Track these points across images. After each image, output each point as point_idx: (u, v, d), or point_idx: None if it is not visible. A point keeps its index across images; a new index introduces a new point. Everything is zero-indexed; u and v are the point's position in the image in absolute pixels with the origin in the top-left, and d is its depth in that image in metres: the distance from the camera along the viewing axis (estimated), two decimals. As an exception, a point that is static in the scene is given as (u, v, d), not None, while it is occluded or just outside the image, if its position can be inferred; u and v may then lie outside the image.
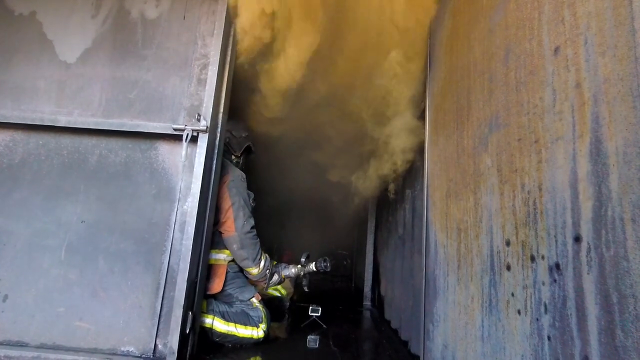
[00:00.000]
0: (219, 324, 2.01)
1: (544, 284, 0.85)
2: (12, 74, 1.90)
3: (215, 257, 2.13)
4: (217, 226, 2.13)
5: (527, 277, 0.92)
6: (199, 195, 1.72)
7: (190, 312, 1.69)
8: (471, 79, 1.34)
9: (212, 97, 1.84)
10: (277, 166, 3.39)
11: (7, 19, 1.96)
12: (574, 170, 0.77)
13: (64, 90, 1.89)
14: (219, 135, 1.90)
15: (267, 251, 2.40)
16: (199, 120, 1.80)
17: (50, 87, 1.89)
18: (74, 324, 1.65)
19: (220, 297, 2.12)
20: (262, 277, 2.25)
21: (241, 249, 2.13)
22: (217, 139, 1.90)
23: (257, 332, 2.07)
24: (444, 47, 1.70)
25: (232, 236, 2.12)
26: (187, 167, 1.79)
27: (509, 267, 1.00)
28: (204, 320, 1.98)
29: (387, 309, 2.78)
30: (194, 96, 1.87)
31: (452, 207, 1.46)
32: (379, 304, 3.17)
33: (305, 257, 2.52)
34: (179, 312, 1.61)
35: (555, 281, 0.81)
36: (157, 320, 1.64)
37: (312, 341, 2.15)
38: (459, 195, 1.39)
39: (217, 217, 2.11)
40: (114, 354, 1.61)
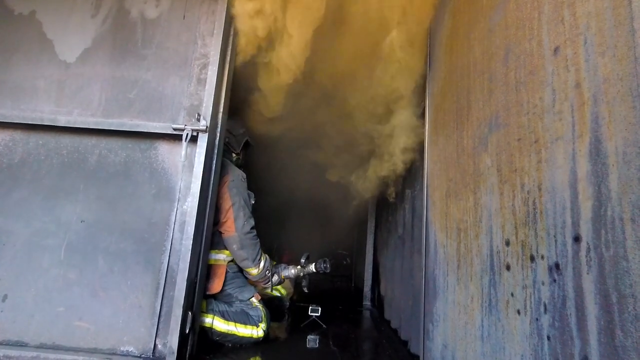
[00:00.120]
0: (219, 323, 2.00)
1: (543, 283, 0.85)
2: (12, 74, 1.90)
3: (215, 257, 2.13)
4: (217, 226, 2.12)
5: (526, 277, 0.92)
6: (198, 195, 1.72)
7: (190, 312, 1.69)
8: (471, 79, 1.34)
9: (212, 96, 1.84)
10: (276, 166, 3.39)
11: (6, 18, 1.96)
12: (573, 170, 0.77)
13: (63, 89, 1.89)
14: (218, 134, 1.90)
15: (267, 251, 2.39)
16: (198, 120, 1.80)
17: (50, 86, 1.89)
18: (73, 324, 1.65)
19: (219, 297, 2.12)
20: (262, 278, 2.25)
21: (241, 249, 2.12)
22: (217, 138, 1.90)
23: (257, 331, 2.06)
24: (444, 47, 1.70)
25: (232, 236, 2.11)
26: (187, 166, 1.79)
27: (508, 267, 1.01)
28: (204, 319, 1.98)
29: (387, 308, 2.78)
30: (193, 96, 1.87)
31: (451, 207, 1.46)
32: (378, 303, 3.17)
33: (305, 258, 2.52)
34: (178, 312, 1.61)
35: (554, 281, 0.81)
36: (156, 320, 1.64)
37: (312, 341, 2.15)
38: (459, 195, 1.39)
39: (217, 217, 2.10)
40: (114, 354, 1.61)
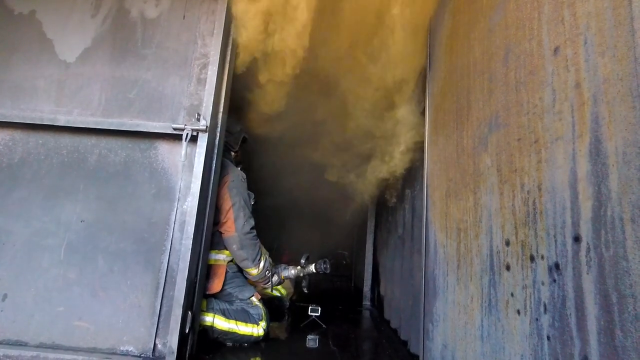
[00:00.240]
0: (220, 321, 2.01)
1: (543, 283, 0.85)
2: (12, 73, 1.90)
3: (215, 257, 2.13)
4: (217, 226, 2.12)
5: (526, 277, 0.92)
6: (198, 194, 1.72)
7: (189, 312, 1.69)
8: (471, 79, 1.34)
9: (212, 96, 1.84)
10: (276, 166, 3.39)
11: (6, 18, 1.96)
12: (573, 170, 0.77)
13: (63, 89, 1.89)
14: (218, 134, 1.90)
15: (267, 251, 2.40)
16: (198, 119, 1.80)
17: (49, 86, 1.89)
18: (73, 324, 1.65)
19: (220, 296, 2.12)
20: (261, 278, 2.25)
21: (241, 249, 2.12)
22: (217, 138, 1.90)
23: (258, 329, 2.07)
24: (444, 47, 1.70)
25: (232, 236, 2.12)
26: (187, 166, 1.79)
27: (508, 267, 1.01)
28: (204, 318, 1.98)
29: (387, 308, 2.78)
30: (193, 96, 1.87)
31: (451, 206, 1.46)
32: (378, 303, 3.17)
33: (305, 259, 2.51)
34: (178, 312, 1.61)
35: (554, 281, 0.81)
36: (156, 319, 1.64)
37: (312, 341, 2.15)
38: (459, 195, 1.39)
39: (218, 217, 2.10)
40: (114, 354, 1.61)
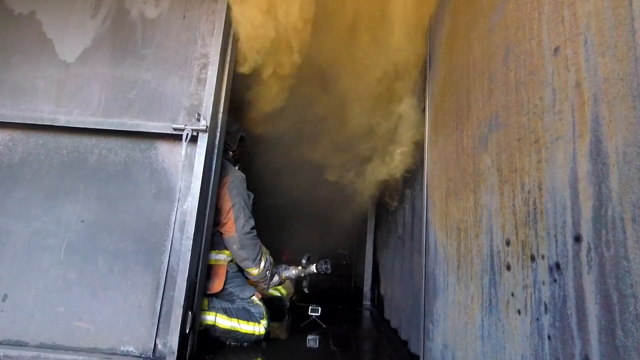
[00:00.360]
0: (222, 320, 2.01)
1: (544, 283, 0.85)
2: (12, 74, 1.90)
3: (215, 257, 2.14)
4: (218, 227, 2.13)
5: (527, 276, 0.92)
6: (198, 194, 1.72)
7: (190, 312, 1.69)
8: (471, 79, 1.34)
9: (212, 96, 1.84)
10: (276, 166, 3.39)
11: (6, 18, 1.96)
12: (574, 170, 0.77)
13: (63, 89, 1.89)
14: (218, 134, 1.90)
15: (267, 251, 2.40)
16: (198, 119, 1.80)
17: (49, 86, 1.89)
18: (73, 324, 1.65)
19: (221, 295, 2.13)
20: (262, 278, 2.25)
21: (241, 249, 2.13)
22: (217, 138, 1.90)
23: (259, 328, 2.08)
24: (444, 47, 1.70)
25: (233, 237, 2.12)
26: (187, 166, 1.79)
27: (509, 267, 1.01)
28: (206, 317, 1.98)
29: (387, 308, 2.78)
30: (193, 96, 1.87)
31: (451, 206, 1.46)
32: (378, 303, 3.17)
33: (306, 259, 2.52)
34: (178, 312, 1.61)
35: (555, 281, 0.81)
36: (156, 319, 1.64)
37: (312, 341, 2.15)
38: (459, 195, 1.39)
39: (218, 218, 2.11)
40: (114, 354, 1.61)
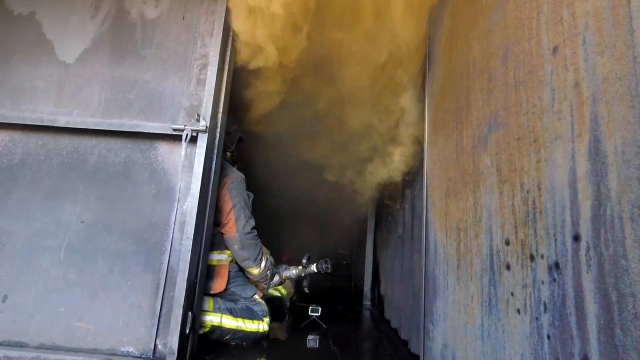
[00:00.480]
0: (228, 320, 2.03)
1: (543, 283, 0.85)
2: (12, 74, 1.90)
3: (218, 257, 2.15)
4: (219, 227, 2.14)
5: (526, 276, 0.92)
6: (198, 195, 1.72)
7: (190, 312, 1.69)
8: (470, 79, 1.34)
9: (212, 97, 1.84)
10: (276, 165, 3.38)
11: (6, 19, 1.96)
12: (573, 169, 0.77)
13: (63, 90, 1.89)
14: (218, 135, 1.90)
15: (268, 250, 2.40)
16: (198, 120, 1.80)
17: (49, 87, 1.89)
18: (73, 324, 1.65)
19: (224, 295, 2.14)
20: (263, 278, 2.26)
21: (242, 249, 2.14)
22: (217, 139, 1.90)
23: (263, 325, 2.11)
24: (443, 47, 1.70)
25: (234, 237, 2.13)
26: (187, 167, 1.79)
27: (508, 267, 1.01)
28: (212, 319, 2.00)
29: (387, 308, 2.78)
30: (193, 96, 1.87)
31: (451, 206, 1.46)
32: (378, 303, 3.17)
33: (306, 259, 2.52)
34: (178, 312, 1.61)
35: (554, 280, 0.81)
36: (156, 320, 1.64)
37: (312, 341, 2.15)
38: (459, 194, 1.39)
39: (219, 218, 2.12)
40: (114, 354, 1.61)
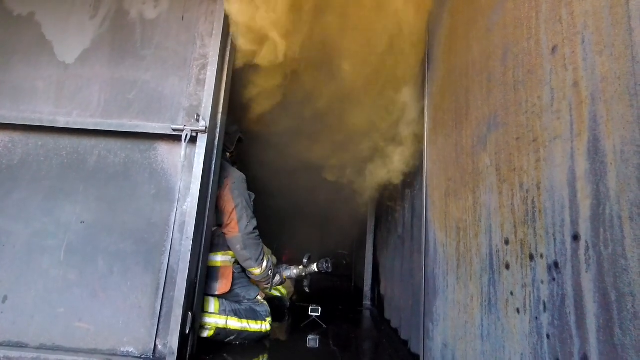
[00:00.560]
0: (233, 322, 2.04)
1: (542, 282, 0.85)
2: (11, 75, 1.90)
3: (222, 259, 2.14)
4: (221, 228, 2.14)
5: (526, 275, 0.92)
6: (198, 195, 1.72)
7: (190, 313, 1.69)
8: (470, 79, 1.34)
9: (211, 97, 1.84)
10: (276, 165, 3.38)
11: (6, 19, 1.96)
12: (572, 168, 0.78)
13: (62, 90, 1.89)
14: (218, 135, 1.90)
15: (269, 250, 2.41)
16: (198, 120, 1.80)
17: (49, 87, 1.89)
18: (73, 325, 1.65)
19: (229, 296, 2.15)
20: (264, 277, 2.27)
21: (244, 249, 2.14)
22: (217, 139, 1.90)
23: (265, 325, 2.13)
24: (443, 47, 1.70)
25: (236, 237, 2.13)
26: (187, 167, 1.79)
27: (508, 266, 1.01)
28: (218, 321, 2.00)
29: (387, 308, 2.78)
30: (193, 96, 1.87)
31: (451, 206, 1.46)
32: (378, 303, 3.17)
33: (307, 259, 2.53)
34: (178, 312, 1.61)
35: (554, 280, 0.81)
36: (156, 320, 1.64)
37: (312, 341, 2.15)
38: (458, 194, 1.39)
39: (221, 219, 2.12)
40: (114, 355, 1.61)
